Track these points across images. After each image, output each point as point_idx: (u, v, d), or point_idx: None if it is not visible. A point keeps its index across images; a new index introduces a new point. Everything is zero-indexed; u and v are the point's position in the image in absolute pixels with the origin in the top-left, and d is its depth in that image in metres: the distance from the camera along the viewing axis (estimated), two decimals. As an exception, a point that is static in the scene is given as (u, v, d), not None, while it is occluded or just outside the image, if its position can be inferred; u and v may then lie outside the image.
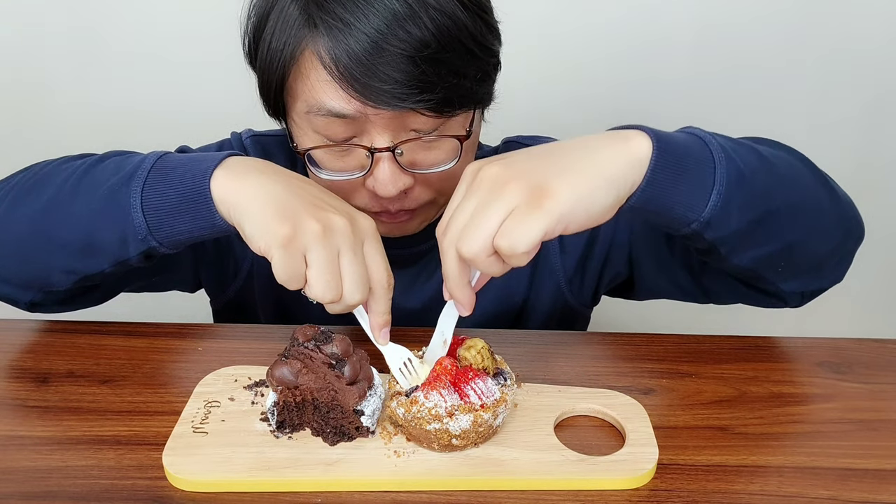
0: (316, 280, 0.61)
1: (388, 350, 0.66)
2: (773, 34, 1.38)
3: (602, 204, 0.59)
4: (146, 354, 0.75)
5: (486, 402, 0.60)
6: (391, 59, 0.66)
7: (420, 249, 0.89)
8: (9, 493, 0.58)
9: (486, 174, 0.59)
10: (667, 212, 0.64)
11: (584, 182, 0.58)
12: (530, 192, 0.57)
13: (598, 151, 0.61)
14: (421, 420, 0.59)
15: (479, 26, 0.71)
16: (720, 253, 0.69)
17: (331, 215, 0.63)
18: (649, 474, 0.60)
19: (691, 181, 0.63)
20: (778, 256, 0.71)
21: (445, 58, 0.68)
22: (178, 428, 0.63)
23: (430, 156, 0.74)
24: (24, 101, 1.43)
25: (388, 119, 0.70)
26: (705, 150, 0.64)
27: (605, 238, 0.89)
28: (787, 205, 0.68)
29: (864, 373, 0.75)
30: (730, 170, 0.63)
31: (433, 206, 0.81)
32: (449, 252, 0.60)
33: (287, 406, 0.62)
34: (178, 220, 0.66)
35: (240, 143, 0.92)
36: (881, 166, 1.50)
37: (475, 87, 0.72)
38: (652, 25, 1.37)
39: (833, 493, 0.60)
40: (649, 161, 0.60)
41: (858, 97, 1.44)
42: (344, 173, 0.75)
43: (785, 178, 0.69)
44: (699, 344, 0.80)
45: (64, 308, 0.79)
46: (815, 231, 0.72)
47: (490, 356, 0.64)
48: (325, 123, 0.71)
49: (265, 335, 0.79)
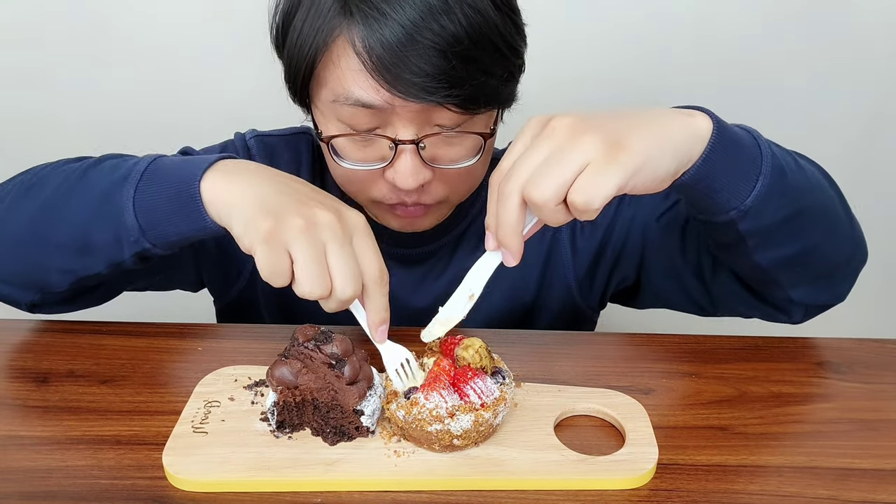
0: (302, 274, 0.60)
1: (385, 349, 0.65)
2: (773, 34, 1.38)
3: (666, 169, 0.60)
4: (146, 354, 0.75)
5: (486, 402, 0.60)
6: (423, 52, 0.67)
7: (429, 248, 0.90)
8: (9, 492, 0.58)
9: (559, 123, 0.59)
10: (714, 194, 0.65)
11: (655, 142, 0.59)
12: (607, 145, 0.57)
13: (666, 119, 0.62)
14: (422, 422, 0.59)
15: (509, 27, 0.72)
16: (747, 246, 0.70)
17: (316, 210, 0.62)
18: (649, 474, 0.60)
19: (741, 167, 0.65)
20: (797, 257, 0.72)
21: (475, 55, 0.69)
22: (177, 428, 0.63)
23: (452, 151, 0.75)
24: (23, 101, 1.42)
25: (414, 112, 0.70)
26: (754, 142, 0.66)
27: (618, 241, 0.89)
28: (814, 207, 0.71)
29: (864, 373, 0.75)
30: (774, 164, 0.65)
31: (445, 204, 0.81)
32: (512, 197, 0.58)
33: (287, 406, 0.62)
34: (169, 221, 0.66)
35: (243, 143, 0.91)
36: (881, 166, 1.50)
37: (501, 87, 0.73)
38: (652, 27, 1.37)
39: (832, 492, 0.60)
40: (708, 140, 0.62)
41: (858, 97, 1.44)
42: (365, 163, 0.75)
43: (813, 184, 0.72)
44: (699, 344, 0.80)
45: (64, 308, 0.80)
46: (833, 237, 0.74)
47: (488, 355, 0.64)
48: (351, 113, 0.71)
49: (265, 335, 0.79)
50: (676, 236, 0.84)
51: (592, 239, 0.90)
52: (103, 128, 1.42)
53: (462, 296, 0.64)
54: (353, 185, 0.79)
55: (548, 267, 0.92)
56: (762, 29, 1.38)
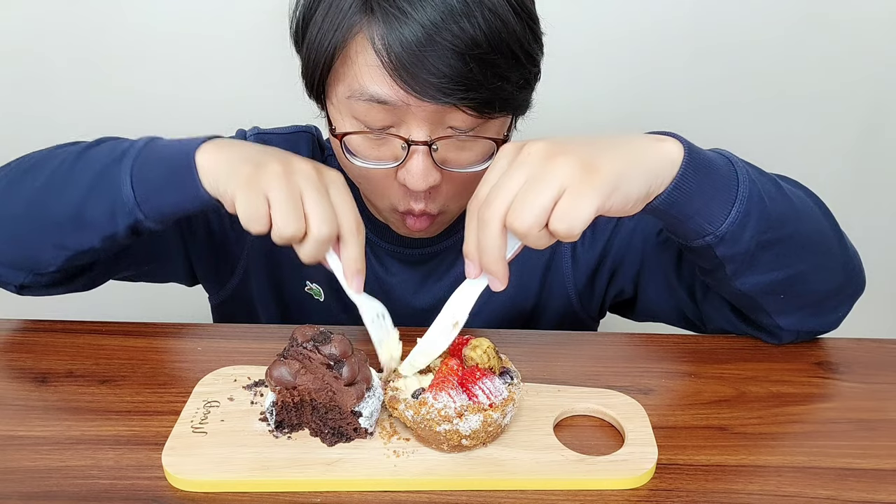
0: (277, 215, 0.62)
1: (361, 300, 0.65)
2: (773, 34, 1.38)
3: (637, 191, 0.61)
4: (146, 354, 0.75)
5: (494, 402, 0.60)
6: (442, 53, 0.67)
7: (432, 250, 0.90)
8: (9, 493, 0.58)
9: (533, 149, 0.60)
10: (687, 220, 0.66)
11: (625, 165, 0.60)
12: (581, 167, 0.58)
13: (636, 143, 0.63)
14: (430, 422, 0.59)
15: (527, 34, 0.72)
16: (725, 272, 0.71)
17: (294, 160, 0.65)
18: (649, 474, 0.60)
19: (714, 194, 0.65)
20: (780, 285, 0.73)
21: (493, 59, 0.69)
22: (177, 428, 0.63)
23: (463, 156, 0.75)
24: (24, 101, 1.42)
25: (429, 112, 0.70)
26: (731, 168, 0.67)
27: (618, 254, 0.90)
28: (797, 237, 0.71)
29: (864, 373, 0.75)
30: (751, 191, 0.66)
31: (446, 215, 0.82)
32: (491, 225, 0.59)
33: (285, 406, 0.62)
34: (164, 192, 0.69)
35: (243, 139, 0.92)
36: (881, 167, 1.50)
37: (516, 93, 0.73)
38: (651, 26, 1.37)
39: (832, 492, 0.60)
40: (680, 164, 0.63)
41: (859, 97, 1.44)
42: (377, 162, 0.75)
43: (799, 212, 0.72)
44: (699, 344, 0.80)
45: (53, 291, 0.80)
46: (819, 268, 0.74)
47: (496, 355, 0.64)
48: (366, 109, 0.72)
49: (265, 335, 0.79)
50: (673, 253, 0.85)
51: (593, 250, 0.91)
52: (103, 129, 1.42)
53: (445, 324, 0.64)
54: (368, 185, 0.80)
55: (548, 276, 0.92)
56: (762, 29, 1.38)
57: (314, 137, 0.94)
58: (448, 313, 0.64)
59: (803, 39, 1.39)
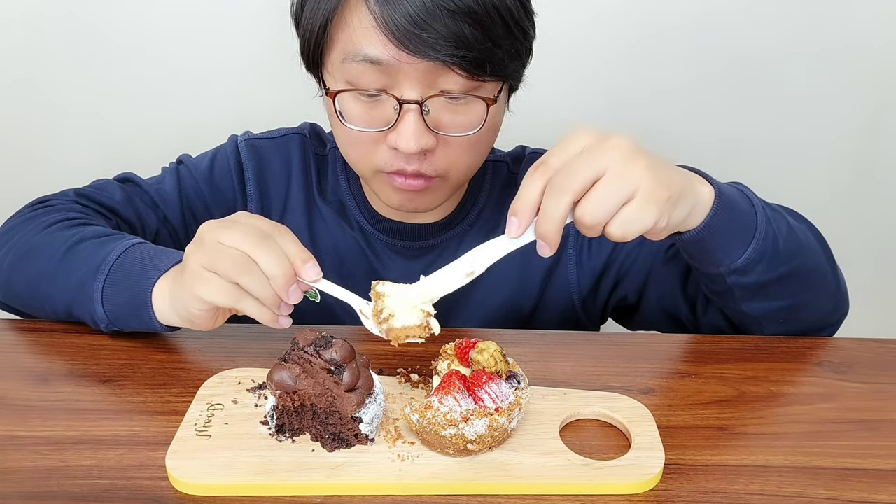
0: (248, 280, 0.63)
1: (349, 297, 0.65)
2: (773, 34, 1.37)
3: (677, 223, 0.65)
4: (146, 354, 0.75)
5: (500, 406, 0.60)
6: (434, 12, 0.69)
7: (431, 243, 0.90)
8: (9, 493, 0.58)
9: (620, 142, 0.60)
10: (707, 253, 0.72)
11: (682, 194, 0.63)
12: (655, 180, 0.60)
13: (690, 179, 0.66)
14: (436, 426, 0.59)
15: (518, 8, 0.75)
16: (734, 296, 0.75)
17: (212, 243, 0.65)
18: (656, 479, 0.60)
19: (736, 233, 0.71)
20: (783, 312, 0.79)
21: (484, 22, 0.71)
22: (181, 431, 0.63)
23: (457, 119, 0.76)
24: (24, 101, 1.41)
25: (421, 72, 0.72)
26: (751, 209, 0.72)
27: (624, 264, 0.91)
28: (804, 268, 0.77)
29: (864, 372, 0.76)
30: (768, 231, 0.72)
31: (445, 183, 0.81)
32: (566, 197, 0.59)
33: (286, 410, 0.62)
34: (129, 321, 0.74)
35: (235, 149, 0.94)
36: (881, 167, 1.50)
37: (507, 60, 0.75)
38: (650, 26, 1.37)
39: (833, 492, 0.60)
40: (710, 208, 0.67)
41: (858, 97, 1.44)
42: (370, 126, 0.76)
43: (804, 247, 0.77)
44: (699, 344, 0.80)
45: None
46: (819, 296, 0.81)
47: (503, 359, 0.63)
48: (360, 71, 0.73)
49: (265, 335, 0.78)
50: (681, 268, 0.87)
51: (598, 258, 0.92)
52: (104, 131, 1.41)
53: (459, 271, 0.62)
54: (355, 150, 0.80)
55: (550, 280, 0.93)
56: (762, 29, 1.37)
57: (306, 138, 0.95)
58: (466, 261, 0.62)
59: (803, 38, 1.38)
